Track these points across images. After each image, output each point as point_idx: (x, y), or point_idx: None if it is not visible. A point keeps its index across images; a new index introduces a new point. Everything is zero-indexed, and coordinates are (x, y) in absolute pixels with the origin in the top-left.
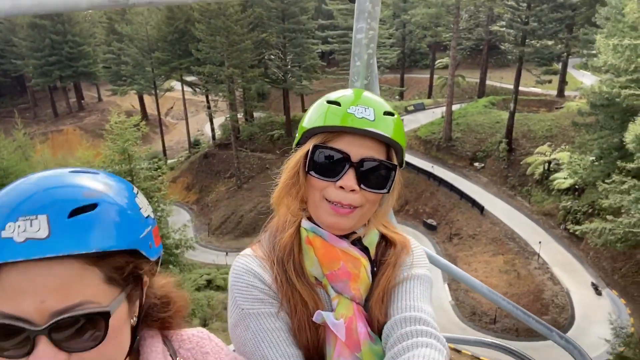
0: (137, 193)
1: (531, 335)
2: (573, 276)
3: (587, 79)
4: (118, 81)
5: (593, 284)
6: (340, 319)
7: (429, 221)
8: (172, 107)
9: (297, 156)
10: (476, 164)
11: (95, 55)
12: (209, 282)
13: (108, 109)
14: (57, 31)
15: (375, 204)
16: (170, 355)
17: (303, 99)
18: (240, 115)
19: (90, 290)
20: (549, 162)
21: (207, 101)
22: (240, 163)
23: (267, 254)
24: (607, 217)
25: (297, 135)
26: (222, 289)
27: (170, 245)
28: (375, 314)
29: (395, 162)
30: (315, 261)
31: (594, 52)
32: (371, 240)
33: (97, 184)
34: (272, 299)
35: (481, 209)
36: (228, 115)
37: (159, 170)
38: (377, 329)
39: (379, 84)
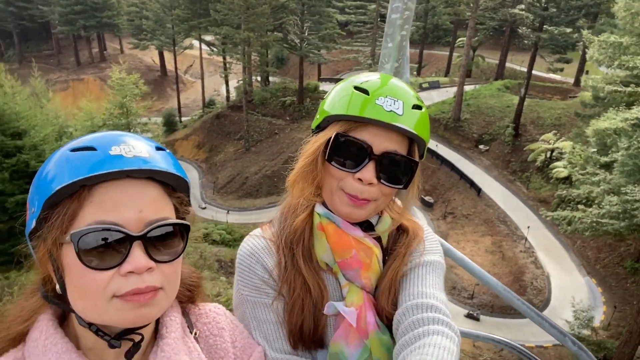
0: None
1: (506, 312)
2: (557, 262)
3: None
4: (140, 35)
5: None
6: (351, 307)
7: (427, 198)
8: (191, 65)
9: (317, 142)
10: (481, 146)
11: (119, 7)
12: (206, 235)
13: (129, 61)
14: None
15: (390, 197)
16: (188, 327)
17: (320, 68)
18: (259, 79)
19: (169, 212)
20: (552, 151)
21: (224, 62)
22: (250, 126)
23: (276, 236)
24: (578, 206)
25: (317, 116)
26: (217, 243)
27: None
28: (381, 303)
29: (416, 157)
30: (327, 248)
31: None
32: (384, 228)
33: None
34: (269, 287)
35: (478, 190)
36: (242, 79)
37: (155, 125)
38: (384, 318)
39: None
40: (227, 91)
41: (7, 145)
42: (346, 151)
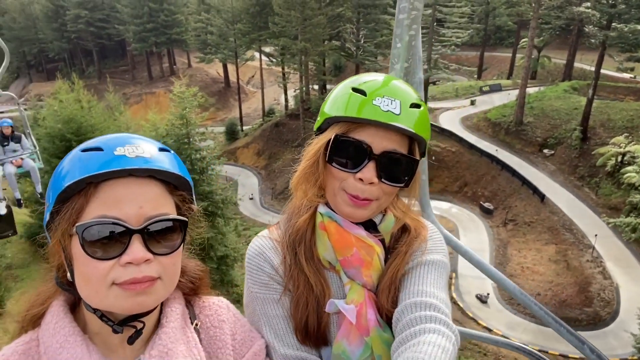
0: None
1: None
2: (627, 272)
3: None
4: (205, 49)
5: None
6: (351, 304)
7: (486, 205)
8: (252, 76)
9: (317, 144)
10: (545, 150)
11: (187, 24)
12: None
13: (196, 74)
14: (155, 0)
15: (392, 195)
16: (190, 318)
17: None
18: (315, 87)
19: (170, 209)
20: (623, 155)
21: (282, 72)
22: (306, 134)
23: (281, 236)
24: None
25: (318, 118)
26: None
27: (218, 200)
28: (381, 301)
29: (417, 155)
30: (329, 246)
31: None
32: (387, 227)
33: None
34: (277, 283)
35: (542, 197)
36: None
37: (212, 134)
38: (385, 316)
39: (448, 62)
40: (286, 100)
41: None
42: (346, 152)
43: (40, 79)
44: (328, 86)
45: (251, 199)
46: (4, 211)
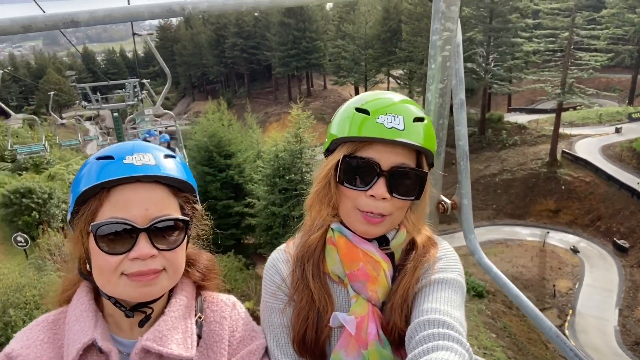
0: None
1: None
2: None
3: None
4: (339, 72)
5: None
6: (352, 316)
7: (621, 242)
8: None
9: (327, 166)
10: None
11: (325, 50)
12: None
13: (330, 96)
14: (298, 28)
15: (404, 210)
16: (196, 310)
17: (510, 98)
18: None
19: (173, 209)
20: None
21: (410, 94)
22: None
23: (294, 251)
24: None
25: (326, 140)
26: None
27: None
28: (394, 319)
29: (425, 168)
30: (337, 260)
31: None
32: (398, 242)
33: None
34: (283, 294)
35: None
36: None
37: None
38: (394, 334)
39: (584, 87)
40: None
41: (220, 163)
42: (355, 171)
43: (201, 98)
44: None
45: None
46: None
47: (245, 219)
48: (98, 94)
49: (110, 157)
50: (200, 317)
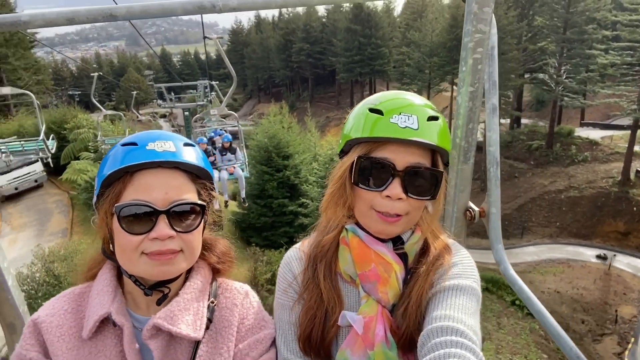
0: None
1: None
2: None
3: None
4: (402, 79)
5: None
6: (360, 315)
7: None
8: (446, 107)
9: (342, 168)
10: None
11: (389, 56)
12: None
13: None
14: (365, 34)
15: (420, 209)
16: (210, 295)
17: (583, 112)
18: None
19: (191, 195)
20: None
21: None
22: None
23: (308, 249)
24: None
25: (340, 141)
26: None
27: None
28: (406, 323)
29: (440, 167)
30: (349, 260)
31: None
32: (412, 244)
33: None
34: (294, 291)
35: None
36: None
37: None
38: (404, 337)
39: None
40: None
41: (278, 163)
42: (370, 172)
43: (266, 100)
44: (524, 121)
45: None
46: (217, 207)
47: (298, 218)
48: (172, 93)
49: (134, 144)
50: (212, 302)
